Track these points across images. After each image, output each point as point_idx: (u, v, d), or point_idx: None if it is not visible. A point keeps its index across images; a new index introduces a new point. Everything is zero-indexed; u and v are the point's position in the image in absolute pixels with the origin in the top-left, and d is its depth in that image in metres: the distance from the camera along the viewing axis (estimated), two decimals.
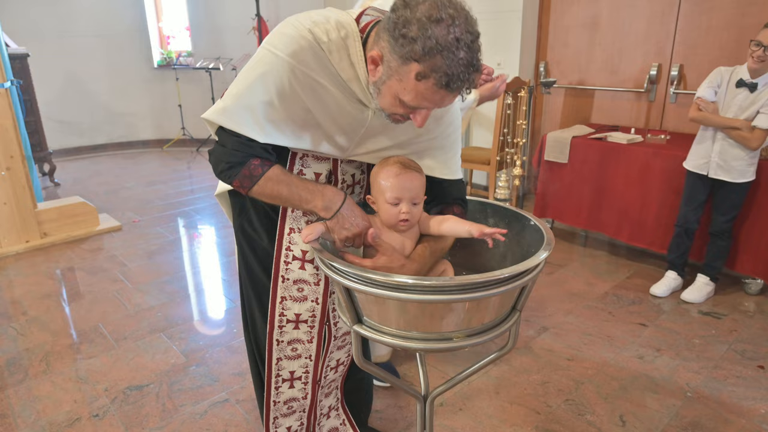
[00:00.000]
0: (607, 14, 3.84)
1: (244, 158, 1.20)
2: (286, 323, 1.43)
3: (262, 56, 1.15)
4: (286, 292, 1.40)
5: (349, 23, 1.15)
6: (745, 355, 2.34)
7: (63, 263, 3.43)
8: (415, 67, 1.00)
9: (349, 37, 1.14)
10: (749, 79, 2.48)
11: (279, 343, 1.44)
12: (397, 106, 1.10)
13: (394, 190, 1.19)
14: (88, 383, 2.21)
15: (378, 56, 1.06)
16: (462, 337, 1.11)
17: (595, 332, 2.53)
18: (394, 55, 1.02)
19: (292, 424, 1.57)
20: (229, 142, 1.20)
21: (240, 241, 1.45)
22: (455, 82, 1.00)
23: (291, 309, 1.41)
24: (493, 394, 2.11)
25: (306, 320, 1.43)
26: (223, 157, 1.21)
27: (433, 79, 1.00)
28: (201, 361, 2.35)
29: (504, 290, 1.05)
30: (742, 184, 2.60)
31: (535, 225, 1.27)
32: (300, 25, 1.13)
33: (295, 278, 1.39)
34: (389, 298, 1.04)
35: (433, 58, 0.98)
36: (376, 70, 1.08)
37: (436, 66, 0.98)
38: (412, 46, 0.98)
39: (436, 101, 1.06)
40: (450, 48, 0.97)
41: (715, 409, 2.01)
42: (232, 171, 1.21)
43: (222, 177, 1.24)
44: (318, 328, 1.45)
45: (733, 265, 2.87)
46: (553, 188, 3.57)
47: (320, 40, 1.12)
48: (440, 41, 0.97)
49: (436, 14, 0.97)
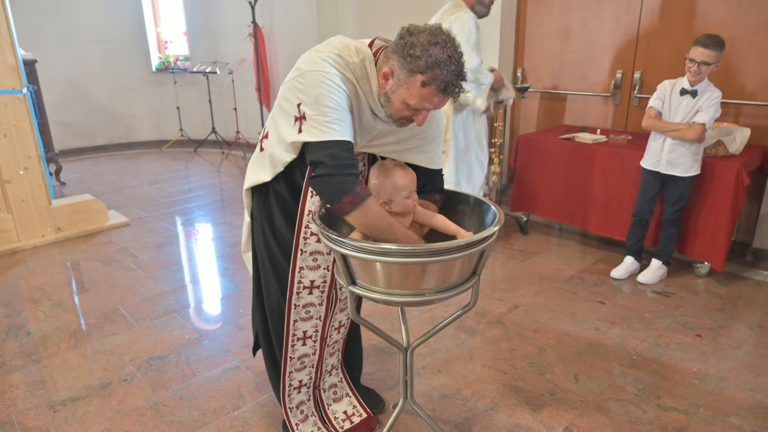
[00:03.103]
0: (577, 25, 4.21)
1: (349, 169, 1.40)
2: (303, 289, 1.75)
3: (316, 78, 1.42)
4: (304, 263, 1.72)
5: (364, 50, 1.52)
6: (686, 326, 2.70)
7: (78, 255, 3.72)
8: (420, 77, 1.37)
9: (366, 59, 1.51)
10: (690, 88, 2.87)
11: (296, 307, 1.77)
12: (404, 109, 1.47)
13: (408, 186, 1.54)
14: (115, 355, 2.52)
15: (389, 72, 1.44)
16: (433, 293, 1.44)
17: (559, 309, 2.88)
18: (403, 70, 1.40)
19: (303, 378, 1.90)
20: (328, 156, 1.39)
21: (262, 228, 1.76)
22: (450, 87, 1.39)
23: (307, 276, 1.74)
24: (468, 359, 2.45)
25: (318, 286, 1.76)
26: (332, 171, 1.39)
27: (434, 86, 1.38)
28: (213, 336, 2.67)
29: (465, 254, 1.38)
30: (689, 177, 2.97)
31: (491, 208, 1.60)
32: (330, 51, 1.48)
33: (311, 250, 1.71)
34: (376, 262, 1.37)
35: (434, 70, 1.35)
36: (387, 83, 1.45)
37: (436, 76, 1.36)
38: (418, 62, 1.36)
39: (435, 103, 1.44)
40: (446, 63, 1.36)
41: (656, 368, 2.36)
42: (346, 185, 1.39)
43: (335, 193, 1.40)
44: (327, 293, 1.79)
45: (684, 250, 3.24)
46: (528, 184, 3.93)
47: (348, 62, 1.48)
48: (438, 58, 1.35)
49: (434, 39, 1.35)
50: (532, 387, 2.25)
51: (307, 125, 1.43)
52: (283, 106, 1.53)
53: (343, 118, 1.44)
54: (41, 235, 3.95)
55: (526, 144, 3.91)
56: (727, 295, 3.02)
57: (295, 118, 1.47)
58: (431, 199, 1.70)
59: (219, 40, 6.70)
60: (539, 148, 3.83)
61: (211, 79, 6.72)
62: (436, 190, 1.74)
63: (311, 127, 1.43)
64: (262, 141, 1.71)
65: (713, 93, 2.85)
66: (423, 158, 1.72)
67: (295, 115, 1.47)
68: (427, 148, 1.73)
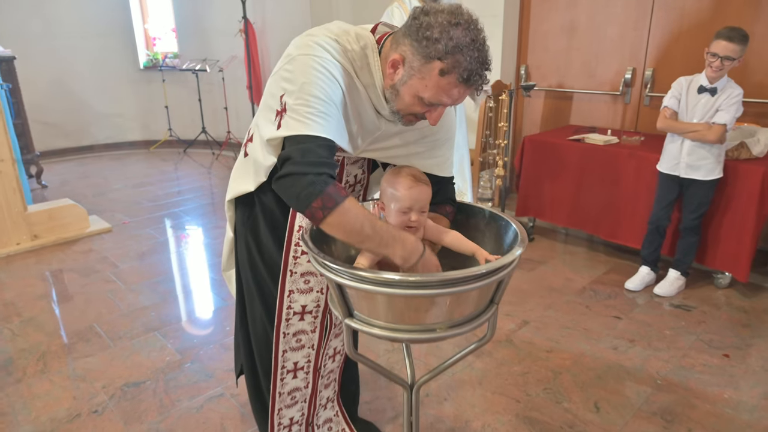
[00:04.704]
0: (585, 20, 3.99)
1: (322, 167, 1.15)
2: (293, 315, 1.52)
3: (305, 63, 1.19)
4: (294, 285, 1.49)
5: (366, 35, 1.27)
6: (711, 345, 2.48)
7: (55, 265, 3.48)
8: (438, 64, 1.13)
9: (368, 47, 1.26)
10: (708, 85, 2.66)
11: (285, 335, 1.54)
12: (415, 104, 1.22)
13: (405, 200, 1.27)
14: (86, 381, 2.28)
15: (399, 59, 1.18)
16: (444, 329, 1.22)
17: (573, 325, 2.67)
18: (417, 56, 1.15)
19: (294, 415, 1.67)
20: (299, 151, 1.15)
21: (247, 244, 1.53)
22: (474, 77, 1.14)
23: (298, 301, 1.51)
24: (476, 384, 2.23)
25: (311, 311, 1.53)
26: (301, 168, 1.13)
27: (455, 74, 1.13)
28: (195, 358, 2.43)
29: (482, 284, 1.15)
30: (710, 181, 2.75)
31: (511, 225, 1.38)
32: (325, 35, 1.23)
33: (302, 271, 1.48)
34: (378, 294, 1.14)
35: (455, 55, 1.11)
36: (396, 73, 1.20)
37: (458, 62, 1.12)
38: (436, 46, 1.11)
39: (454, 96, 1.18)
40: (469, 47, 1.12)
41: (683, 395, 2.14)
42: (316, 185, 1.13)
43: (304, 197, 1.14)
44: (321, 318, 1.56)
45: (704, 260, 3.03)
46: (534, 188, 3.71)
47: (346, 48, 1.24)
48: (460, 41, 1.11)
49: (455, 20, 1.12)
50: (548, 418, 2.02)
51: (287, 118, 1.19)
52: (268, 102, 1.31)
53: (330, 112, 1.20)
54: (16, 243, 3.69)
55: (532, 146, 3.68)
56: (752, 308, 2.80)
57: (277, 112, 1.24)
58: (442, 212, 1.47)
59: (209, 37, 6.45)
60: (546, 150, 3.61)
61: (200, 77, 6.47)
62: (448, 201, 1.50)
63: (290, 119, 1.19)
64: (246, 145, 1.49)
65: (734, 90, 2.64)
66: (432, 164, 1.48)
67: (277, 109, 1.24)
68: (438, 152, 1.49)
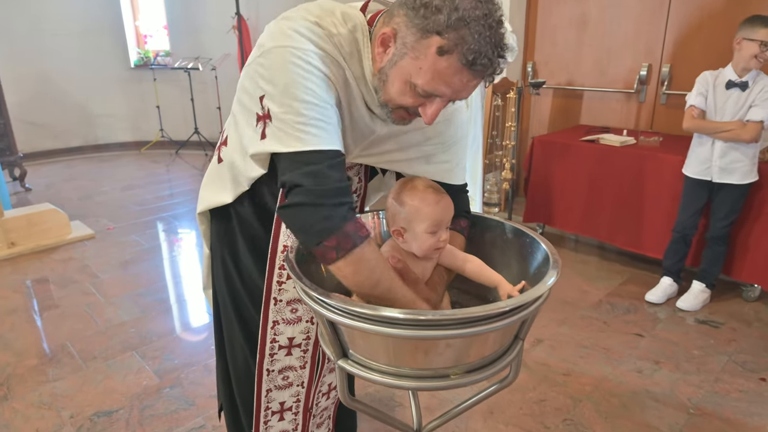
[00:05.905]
0: (596, 13, 3.76)
1: (339, 196, 0.95)
2: (278, 350, 1.29)
3: (283, 58, 0.96)
4: (279, 315, 1.26)
5: (355, 15, 1.03)
6: (746, 367, 2.25)
7: (31, 275, 3.24)
8: (436, 40, 0.89)
9: (358, 29, 1.02)
10: (738, 79, 2.43)
11: (269, 372, 1.31)
12: (406, 93, 0.97)
13: (435, 218, 1.05)
14: (53, 409, 2.04)
15: (391, 33, 0.94)
16: (460, 374, 0.99)
17: (591, 344, 2.43)
18: (411, 29, 0.91)
19: None
20: (308, 176, 0.94)
21: (224, 263, 1.30)
22: (481, 59, 0.89)
23: (284, 333, 1.28)
24: (487, 414, 1.99)
25: (299, 344, 1.30)
26: (314, 200, 0.93)
27: (457, 55, 0.89)
28: (176, 382, 2.20)
29: (507, 323, 0.93)
30: (744, 185, 2.53)
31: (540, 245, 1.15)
32: (304, 18, 0.99)
33: (288, 299, 1.25)
34: (379, 334, 0.91)
35: (459, 30, 0.87)
36: (386, 53, 0.96)
37: (462, 39, 0.88)
38: (436, 16, 0.87)
39: (454, 86, 0.93)
40: (478, 21, 0.87)
41: (720, 427, 1.91)
42: (333, 221, 0.94)
43: (315, 233, 0.94)
44: (312, 352, 1.32)
45: (730, 271, 2.79)
46: (544, 192, 3.47)
47: (331, 33, 0.99)
48: (468, 13, 0.87)
49: None
50: None
51: (273, 128, 0.97)
52: (242, 100, 1.06)
53: (326, 116, 0.96)
54: None
55: (542, 147, 3.45)
56: None
57: (258, 116, 1.00)
58: (457, 227, 1.22)
59: (202, 34, 6.22)
60: (557, 152, 3.38)
61: (193, 75, 6.24)
62: (461, 214, 1.25)
63: (278, 130, 0.96)
64: (220, 149, 1.25)
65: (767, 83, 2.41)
66: (437, 170, 1.23)
67: (257, 112, 1.00)
68: (444, 156, 1.24)
